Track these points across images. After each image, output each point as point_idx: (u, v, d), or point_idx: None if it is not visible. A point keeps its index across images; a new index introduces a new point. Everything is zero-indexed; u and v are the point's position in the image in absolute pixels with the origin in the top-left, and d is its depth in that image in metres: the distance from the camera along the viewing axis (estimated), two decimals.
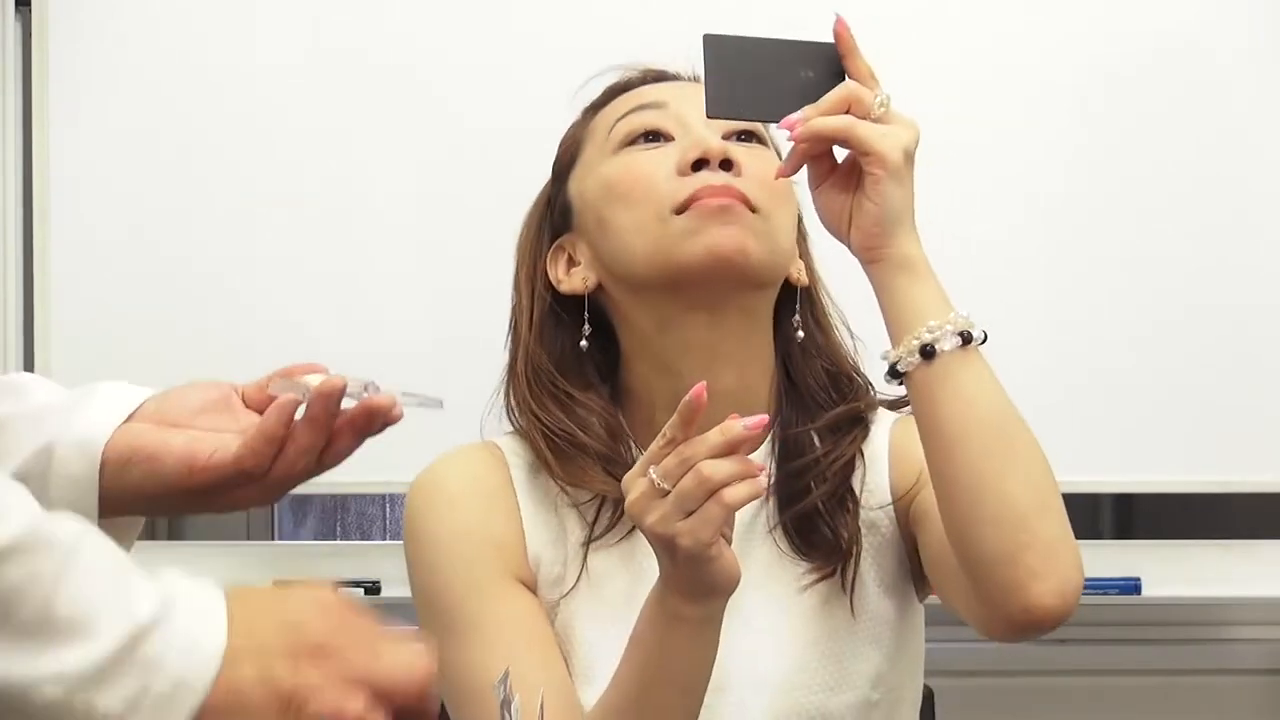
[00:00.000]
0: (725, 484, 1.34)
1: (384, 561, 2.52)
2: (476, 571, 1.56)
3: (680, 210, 1.53)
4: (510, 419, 1.63)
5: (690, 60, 1.62)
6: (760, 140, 1.60)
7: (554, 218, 1.65)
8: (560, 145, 1.67)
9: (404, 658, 1.06)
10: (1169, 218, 2.54)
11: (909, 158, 1.39)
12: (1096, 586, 2.57)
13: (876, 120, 1.39)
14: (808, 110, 1.38)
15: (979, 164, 2.54)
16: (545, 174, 1.71)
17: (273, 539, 3.08)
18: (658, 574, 1.56)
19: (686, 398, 1.36)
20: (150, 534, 2.92)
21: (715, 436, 1.35)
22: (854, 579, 1.58)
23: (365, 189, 2.47)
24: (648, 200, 1.54)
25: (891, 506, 1.61)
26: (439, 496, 1.60)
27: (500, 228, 1.69)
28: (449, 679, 1.56)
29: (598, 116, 1.64)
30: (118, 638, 0.98)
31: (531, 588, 1.58)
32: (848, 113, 1.39)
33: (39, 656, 0.96)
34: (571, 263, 1.62)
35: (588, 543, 1.59)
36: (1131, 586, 2.59)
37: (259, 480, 1.19)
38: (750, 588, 1.54)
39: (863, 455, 1.62)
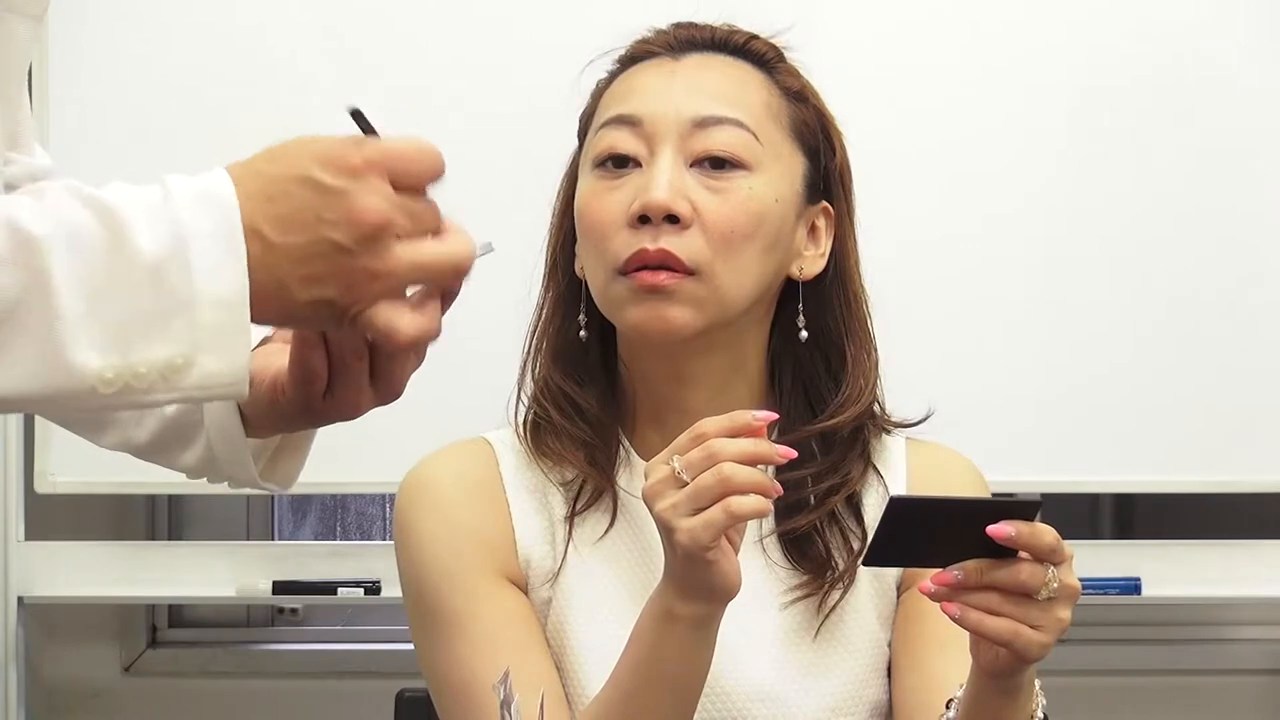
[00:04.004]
0: (741, 490, 1.35)
1: (384, 561, 2.52)
2: (464, 571, 1.56)
3: (623, 271, 1.52)
4: (517, 401, 1.63)
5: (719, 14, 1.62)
6: (736, 164, 1.55)
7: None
8: (589, 100, 1.64)
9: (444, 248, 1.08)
10: (1171, 217, 2.54)
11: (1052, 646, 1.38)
12: (1096, 586, 2.57)
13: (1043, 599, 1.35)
14: (961, 573, 1.33)
15: (980, 163, 2.54)
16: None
17: (273, 539, 3.08)
18: (644, 575, 1.57)
19: (750, 416, 1.38)
20: (150, 534, 2.92)
21: (746, 445, 1.36)
22: (833, 608, 1.58)
23: None
24: (601, 252, 1.54)
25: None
26: (426, 495, 1.60)
27: (502, 224, 1.67)
28: (436, 677, 1.57)
29: (606, 93, 1.61)
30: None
31: (522, 587, 1.58)
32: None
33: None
34: None
35: (571, 516, 1.59)
36: (1131, 586, 2.59)
37: (329, 394, 1.16)
38: (742, 602, 1.55)
39: (885, 486, 1.61)
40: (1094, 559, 2.60)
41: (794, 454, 1.40)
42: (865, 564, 1.36)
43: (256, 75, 2.51)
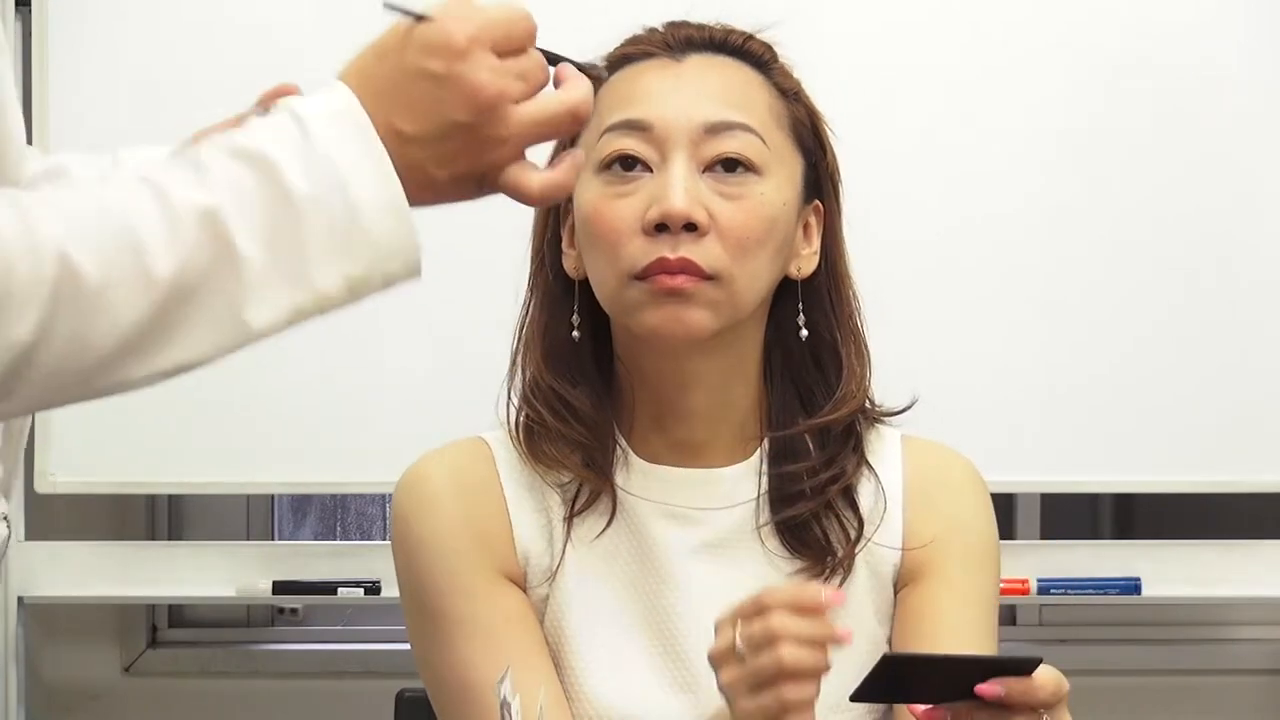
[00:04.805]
0: (797, 677, 1.33)
1: (384, 561, 2.50)
2: (462, 569, 1.56)
3: (639, 277, 1.52)
4: (508, 402, 1.63)
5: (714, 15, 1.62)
6: (748, 169, 1.55)
7: None
8: None
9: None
10: (1171, 217, 2.54)
11: None
12: (1096, 586, 2.57)
13: None
14: (950, 715, 1.33)
15: (981, 161, 2.54)
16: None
17: (273, 539, 3.08)
18: (641, 573, 1.57)
19: (817, 593, 1.35)
20: (150, 534, 2.92)
21: (807, 626, 1.34)
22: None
23: None
24: (613, 259, 1.53)
25: (900, 554, 1.60)
26: (423, 494, 1.59)
27: (500, 222, 1.67)
28: (434, 676, 1.57)
29: (603, 94, 1.58)
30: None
31: (520, 585, 1.58)
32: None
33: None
34: (574, 236, 1.60)
35: (569, 517, 1.59)
36: (1131, 586, 2.59)
37: None
38: (740, 594, 1.55)
39: (877, 478, 1.62)
40: (1094, 559, 2.60)
41: (844, 598, 1.38)
42: (853, 699, 1.35)
43: (257, 75, 2.50)
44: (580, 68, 1.24)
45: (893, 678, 1.32)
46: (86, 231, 1.05)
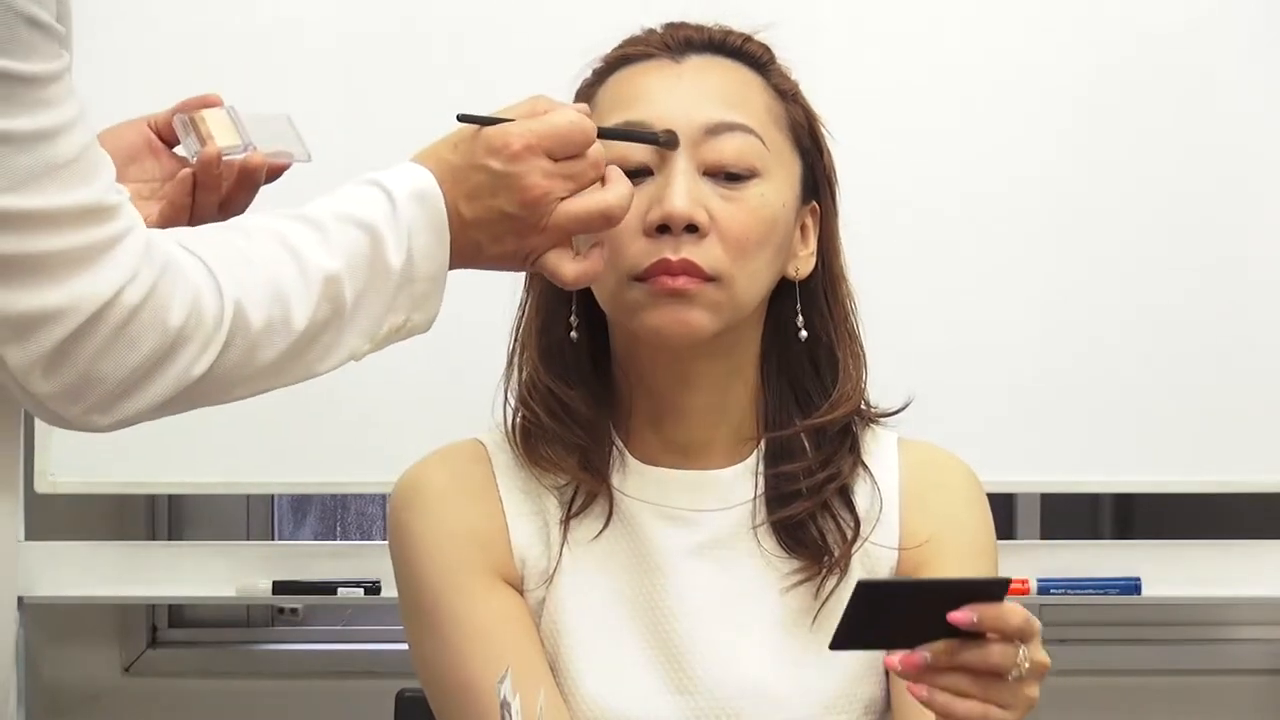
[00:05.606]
0: None
1: (384, 561, 2.49)
2: (458, 570, 1.57)
3: (640, 278, 1.52)
4: (505, 403, 1.63)
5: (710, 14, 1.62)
6: (748, 174, 1.55)
7: None
8: (575, 100, 1.63)
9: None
10: (1171, 217, 2.54)
11: None
12: (1096, 586, 2.57)
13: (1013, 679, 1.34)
14: (930, 654, 1.32)
15: (979, 161, 2.54)
16: None
17: (273, 539, 3.08)
18: (638, 575, 1.58)
19: None
20: (151, 534, 2.93)
21: None
22: (830, 594, 1.58)
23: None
24: (614, 260, 1.52)
25: (897, 555, 1.61)
26: (419, 496, 1.60)
27: None
28: (433, 678, 1.57)
29: (602, 94, 1.61)
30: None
31: (517, 587, 1.58)
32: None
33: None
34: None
35: (566, 520, 1.59)
36: (1131, 586, 2.59)
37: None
38: (737, 595, 1.57)
39: (873, 479, 1.62)
40: (1094, 559, 2.60)
41: None
42: (833, 648, 1.35)
43: (258, 75, 2.50)
44: (645, 138, 1.50)
45: (869, 615, 1.31)
46: (249, 285, 1.24)
